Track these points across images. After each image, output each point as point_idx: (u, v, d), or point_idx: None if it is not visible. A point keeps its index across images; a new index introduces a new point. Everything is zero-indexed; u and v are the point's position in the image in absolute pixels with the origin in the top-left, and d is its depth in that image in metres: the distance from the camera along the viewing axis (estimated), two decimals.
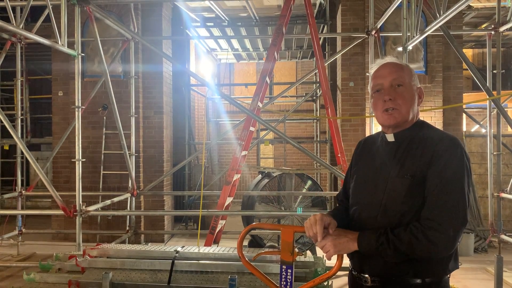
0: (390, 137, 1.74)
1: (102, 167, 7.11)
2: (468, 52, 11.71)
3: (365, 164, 1.81)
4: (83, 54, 4.97)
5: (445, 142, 1.62)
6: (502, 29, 5.45)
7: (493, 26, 5.56)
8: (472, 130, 8.83)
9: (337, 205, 1.98)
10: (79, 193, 4.69)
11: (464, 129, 7.77)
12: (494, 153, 5.61)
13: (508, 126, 5.09)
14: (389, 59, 1.79)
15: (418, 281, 1.60)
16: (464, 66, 6.47)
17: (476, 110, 10.26)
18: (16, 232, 6.27)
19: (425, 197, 1.59)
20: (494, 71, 5.57)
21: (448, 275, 1.65)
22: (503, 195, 5.44)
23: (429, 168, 1.59)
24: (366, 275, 1.68)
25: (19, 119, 6.49)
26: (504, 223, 7.18)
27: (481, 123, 8.01)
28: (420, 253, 1.55)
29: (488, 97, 4.81)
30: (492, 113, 5.67)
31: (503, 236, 5.33)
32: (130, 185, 6.36)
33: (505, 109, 5.83)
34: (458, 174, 1.57)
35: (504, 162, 7.11)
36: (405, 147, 1.69)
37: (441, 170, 1.57)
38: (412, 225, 1.56)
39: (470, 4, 7.68)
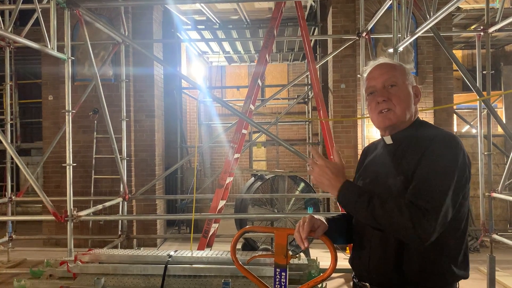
0: (388, 140, 1.69)
1: (93, 172, 7.06)
2: (458, 53, 11.81)
3: (367, 169, 1.78)
4: (73, 58, 4.93)
5: (439, 138, 1.56)
6: (491, 30, 5.51)
7: (482, 27, 5.62)
8: (463, 130, 8.91)
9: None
10: (70, 198, 4.64)
11: (455, 129, 7.83)
12: (485, 153, 5.65)
13: (498, 126, 5.13)
14: (381, 59, 1.75)
15: None
16: (454, 67, 6.52)
17: (466, 110, 10.35)
18: (6, 238, 6.18)
19: (413, 182, 1.50)
20: (483, 72, 5.62)
21: (455, 286, 1.57)
22: (494, 194, 5.48)
23: (420, 162, 1.52)
24: (366, 283, 1.65)
25: (9, 124, 6.42)
26: (495, 222, 7.22)
27: (471, 123, 8.08)
28: (394, 227, 1.45)
29: (478, 97, 4.85)
30: (482, 114, 5.72)
31: (495, 236, 5.36)
32: (121, 190, 6.31)
33: (495, 109, 5.88)
34: (450, 167, 1.49)
35: (495, 162, 7.17)
36: (403, 148, 1.63)
37: (432, 160, 1.50)
38: (402, 198, 1.47)
39: (459, 6, 7.75)
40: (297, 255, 3.35)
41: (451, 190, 1.46)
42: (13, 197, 6.34)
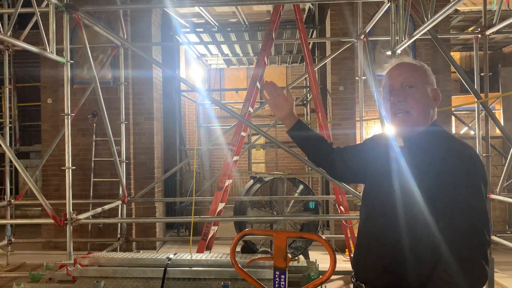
0: (400, 142, 1.65)
1: (92, 175, 7.05)
2: (456, 55, 11.85)
3: (377, 165, 1.72)
4: (72, 61, 4.93)
5: (456, 154, 1.48)
6: (488, 32, 5.53)
7: (479, 30, 5.64)
8: (461, 132, 8.91)
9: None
10: (69, 201, 4.64)
11: (453, 131, 7.84)
12: (483, 154, 5.66)
13: (496, 128, 5.14)
14: (405, 58, 1.71)
15: None
16: (452, 69, 6.54)
17: (464, 112, 10.36)
18: (5, 241, 6.17)
19: (441, 217, 1.45)
20: (481, 74, 5.64)
21: None
22: (493, 196, 5.48)
23: (440, 183, 1.46)
24: (362, 284, 1.66)
25: (8, 127, 6.43)
26: (494, 224, 7.25)
27: (469, 125, 8.09)
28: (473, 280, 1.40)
29: (476, 99, 4.86)
30: (480, 115, 5.73)
31: (494, 237, 5.37)
32: (121, 192, 6.31)
33: (493, 111, 5.90)
34: (475, 190, 1.44)
35: (493, 164, 7.18)
36: (414, 153, 1.58)
37: (456, 187, 1.44)
38: (436, 273, 1.43)
39: (457, 8, 7.79)
40: (296, 258, 3.36)
41: (485, 211, 1.43)
42: (12, 200, 6.33)
